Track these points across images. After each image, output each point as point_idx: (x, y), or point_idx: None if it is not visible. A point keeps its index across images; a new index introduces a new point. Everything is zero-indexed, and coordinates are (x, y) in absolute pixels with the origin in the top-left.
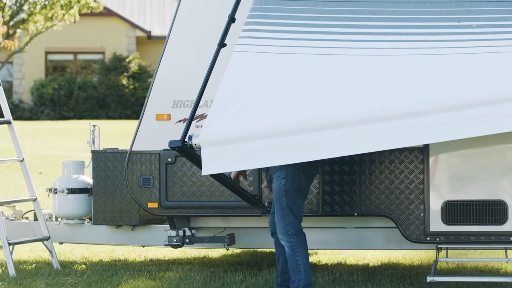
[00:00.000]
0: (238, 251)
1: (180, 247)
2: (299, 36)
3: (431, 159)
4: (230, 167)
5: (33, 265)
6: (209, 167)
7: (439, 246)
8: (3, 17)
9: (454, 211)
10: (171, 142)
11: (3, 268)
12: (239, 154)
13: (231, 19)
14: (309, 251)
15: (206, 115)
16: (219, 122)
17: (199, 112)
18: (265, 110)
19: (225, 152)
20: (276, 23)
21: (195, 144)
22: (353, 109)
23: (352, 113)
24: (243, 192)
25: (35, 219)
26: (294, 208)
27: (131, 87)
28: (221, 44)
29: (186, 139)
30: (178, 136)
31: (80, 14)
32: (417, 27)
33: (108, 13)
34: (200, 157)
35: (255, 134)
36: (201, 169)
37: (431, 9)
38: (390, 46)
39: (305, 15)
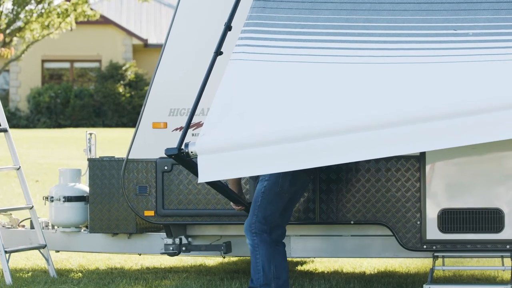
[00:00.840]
0: (234, 259)
1: (177, 255)
2: (295, 44)
3: (427, 167)
4: (226, 174)
5: (30, 273)
6: (205, 174)
7: (435, 254)
8: None
9: (451, 219)
10: (167, 150)
11: None
12: (235, 161)
13: (228, 27)
14: (306, 259)
15: (203, 123)
16: (216, 130)
17: (195, 120)
18: (261, 118)
19: (222, 160)
20: (272, 31)
21: (192, 152)
22: (349, 117)
23: (349, 121)
24: (240, 200)
25: (32, 227)
26: (268, 210)
27: (128, 95)
28: (218, 52)
29: (183, 147)
30: (174, 144)
31: (77, 22)
32: (413, 35)
33: (104, 21)
34: (196, 165)
35: (252, 142)
36: (197, 177)
37: (427, 17)
38: (387, 54)
39: (301, 23)
